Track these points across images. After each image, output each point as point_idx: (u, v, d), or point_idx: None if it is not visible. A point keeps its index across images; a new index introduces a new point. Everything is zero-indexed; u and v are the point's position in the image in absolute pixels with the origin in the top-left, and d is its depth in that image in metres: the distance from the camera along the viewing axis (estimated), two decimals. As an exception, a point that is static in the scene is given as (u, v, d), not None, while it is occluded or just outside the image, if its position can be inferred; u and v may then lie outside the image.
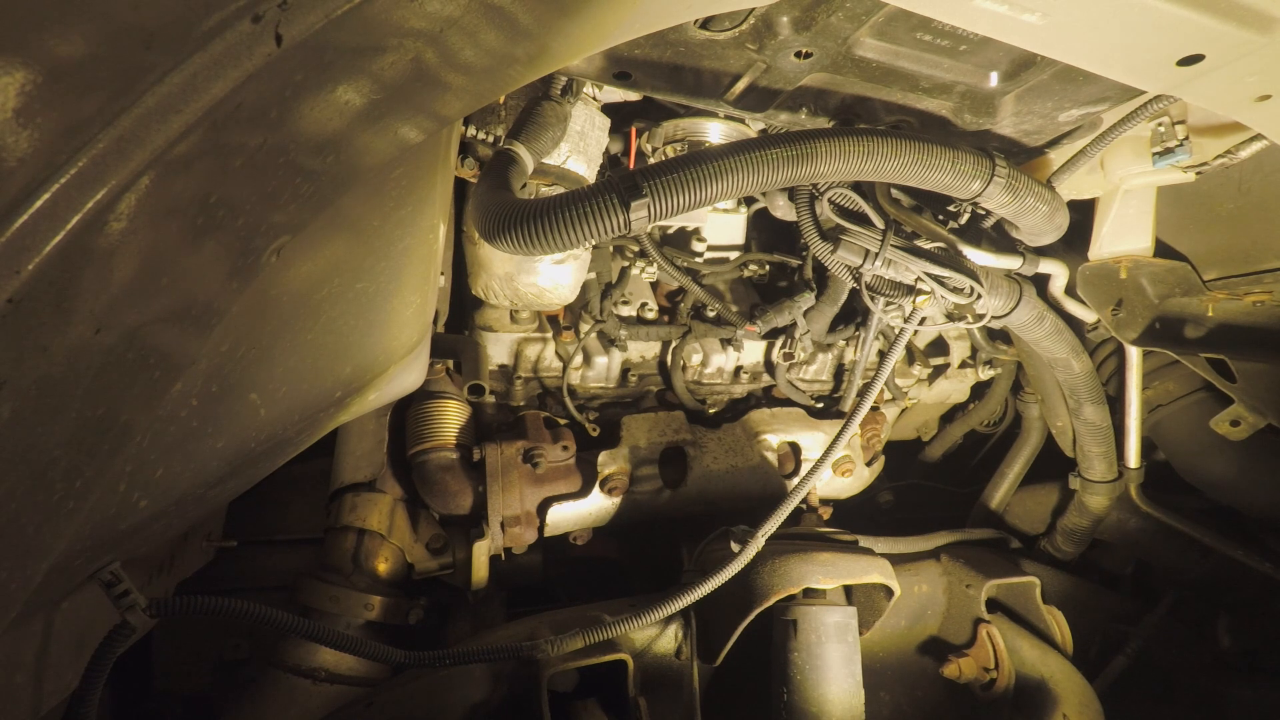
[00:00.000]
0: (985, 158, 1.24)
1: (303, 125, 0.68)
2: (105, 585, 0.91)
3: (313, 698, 1.40)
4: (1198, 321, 1.67)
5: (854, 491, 2.05)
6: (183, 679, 1.64)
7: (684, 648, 1.54)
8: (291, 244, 0.78)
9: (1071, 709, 1.66)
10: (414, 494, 1.66)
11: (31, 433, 0.56)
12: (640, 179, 1.01)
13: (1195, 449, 1.93)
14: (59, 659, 0.91)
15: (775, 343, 1.94)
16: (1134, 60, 0.98)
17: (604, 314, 1.76)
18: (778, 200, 1.76)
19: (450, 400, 1.68)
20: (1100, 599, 2.08)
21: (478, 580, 1.62)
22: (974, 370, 2.27)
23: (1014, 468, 2.32)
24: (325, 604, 1.47)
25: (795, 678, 1.48)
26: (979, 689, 1.76)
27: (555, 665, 1.34)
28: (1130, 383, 1.92)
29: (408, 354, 1.30)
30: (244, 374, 0.88)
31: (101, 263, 0.55)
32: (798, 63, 1.15)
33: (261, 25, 0.56)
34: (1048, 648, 1.78)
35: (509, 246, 1.04)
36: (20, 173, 0.48)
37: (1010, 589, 1.86)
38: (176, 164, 0.56)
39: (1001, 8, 0.89)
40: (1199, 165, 1.38)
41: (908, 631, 1.85)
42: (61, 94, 0.48)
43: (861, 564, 1.59)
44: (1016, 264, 1.53)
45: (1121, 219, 1.66)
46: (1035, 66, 1.19)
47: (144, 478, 0.79)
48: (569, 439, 1.73)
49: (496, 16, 0.75)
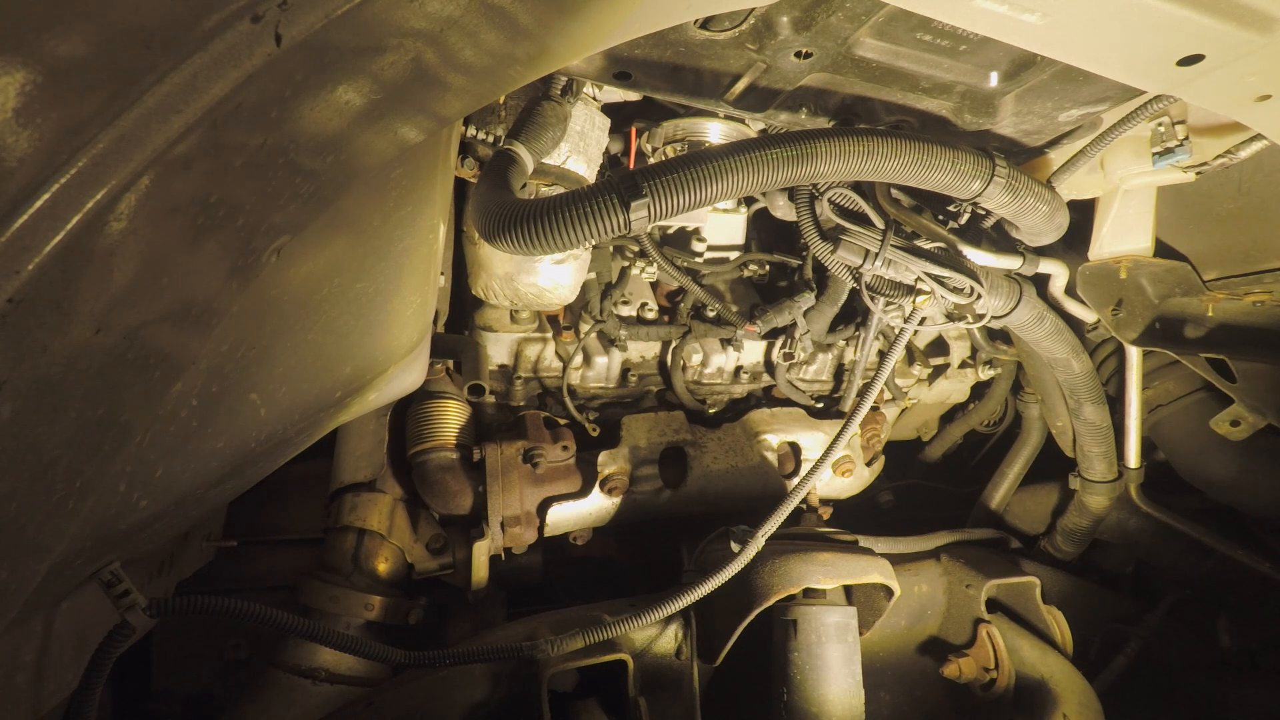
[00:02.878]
0: (985, 158, 1.24)
1: (303, 125, 0.68)
2: (105, 585, 0.91)
3: (313, 698, 1.40)
4: (1198, 321, 1.67)
5: (854, 491, 2.05)
6: (183, 679, 1.64)
7: (684, 648, 1.54)
8: (291, 244, 0.78)
9: (1071, 709, 1.66)
10: (414, 494, 1.66)
11: (31, 433, 0.56)
12: (640, 179, 1.01)
13: (1195, 449, 1.93)
14: (59, 659, 0.91)
15: (775, 343, 1.94)
16: (1134, 60, 0.98)
17: (604, 314, 1.76)
18: (778, 200, 1.76)
19: (450, 400, 1.68)
20: (1100, 599, 2.08)
21: (478, 580, 1.62)
22: (974, 370, 2.27)
23: (1014, 468, 2.32)
24: (325, 604, 1.47)
25: (795, 678, 1.48)
26: (979, 689, 1.76)
27: (555, 665, 1.34)
28: (1130, 383, 1.92)
29: (408, 354, 1.30)
30: (244, 374, 0.88)
31: (101, 263, 0.55)
32: (798, 63, 1.16)
33: (261, 25, 0.56)
34: (1048, 648, 1.78)
35: (509, 247, 1.04)
36: (20, 173, 0.48)
37: (1010, 589, 1.86)
38: (176, 164, 0.56)
39: (1001, 8, 0.89)
40: (1199, 165, 1.38)
41: (908, 631, 1.85)
42: (61, 94, 0.48)
43: (861, 564, 1.59)
44: (1016, 264, 1.53)
45: (1121, 219, 1.66)
46: (1035, 66, 1.19)
47: (144, 478, 0.79)
48: (569, 439, 1.73)
49: (496, 16, 0.75)
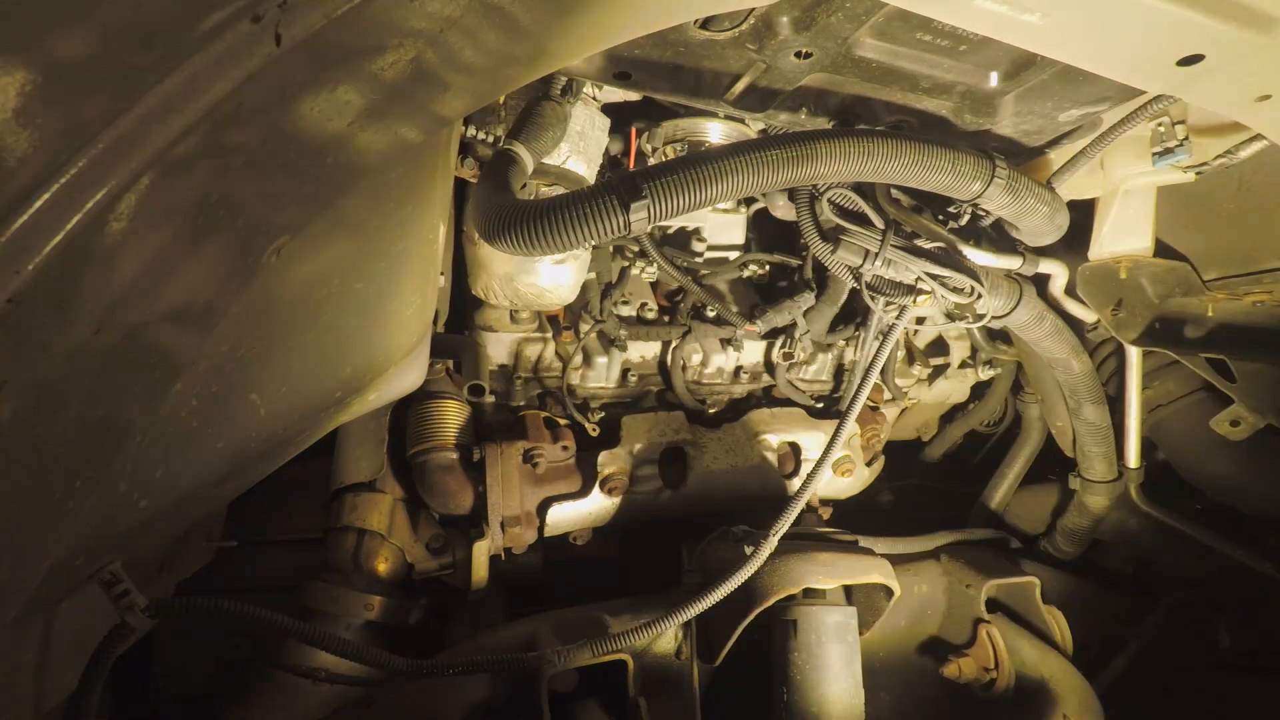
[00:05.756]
0: (985, 159, 1.24)
1: (303, 125, 0.68)
2: (105, 585, 0.91)
3: (313, 698, 1.40)
4: (1198, 321, 1.67)
5: (854, 491, 2.05)
6: (183, 679, 1.64)
7: (684, 648, 1.54)
8: (291, 244, 0.78)
9: (1071, 709, 1.66)
10: (414, 494, 1.65)
11: (31, 433, 0.56)
12: (640, 180, 1.01)
13: (1195, 449, 1.93)
14: (59, 659, 0.91)
15: (775, 343, 1.94)
16: (1134, 60, 0.98)
17: (604, 314, 1.76)
18: (778, 200, 1.76)
19: (450, 400, 1.68)
20: (1100, 599, 2.08)
21: (478, 580, 1.62)
22: (974, 370, 2.27)
23: (1014, 468, 2.32)
24: (325, 604, 1.47)
25: (795, 678, 1.48)
26: (979, 689, 1.76)
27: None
28: (1130, 383, 1.92)
29: (408, 354, 1.30)
30: (244, 374, 0.88)
31: (101, 263, 0.55)
32: (798, 63, 1.15)
33: (261, 25, 0.56)
34: (1048, 648, 1.78)
35: (509, 247, 1.04)
36: (20, 173, 0.48)
37: (1010, 589, 1.86)
38: (177, 164, 0.56)
39: (1001, 8, 0.89)
40: (1199, 165, 1.38)
41: (908, 631, 1.85)
42: (61, 94, 0.48)
43: (861, 564, 1.59)
44: (1016, 264, 1.53)
45: (1121, 219, 1.66)
46: (1035, 66, 1.19)
47: (144, 478, 0.79)
48: (569, 439, 1.73)
49: (496, 16, 0.76)
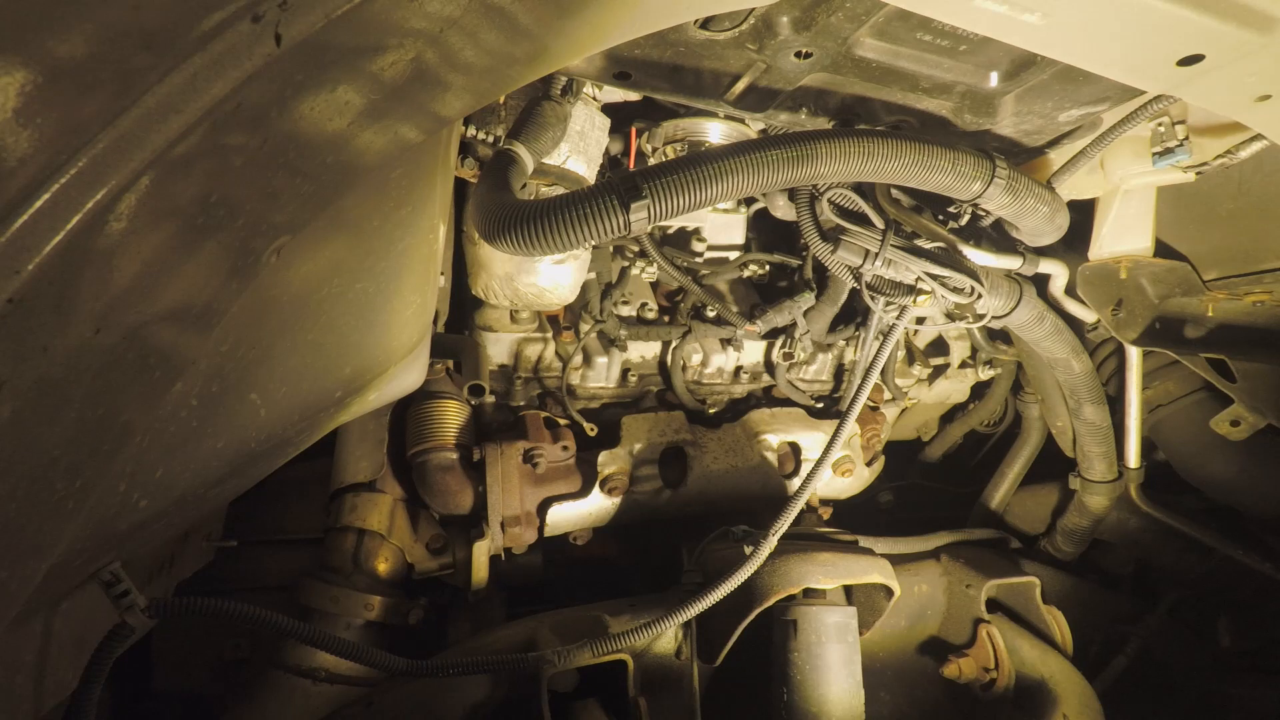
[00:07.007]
0: (985, 159, 1.24)
1: (303, 125, 0.68)
2: (105, 585, 0.91)
3: (313, 698, 1.40)
4: (1198, 321, 1.67)
5: (854, 491, 2.05)
6: (183, 679, 1.64)
7: (684, 648, 1.54)
8: (291, 244, 0.78)
9: (1071, 709, 1.66)
10: (414, 494, 1.65)
11: (31, 433, 0.56)
12: (640, 180, 1.01)
13: (1195, 449, 1.93)
14: (59, 659, 0.91)
15: (775, 343, 1.94)
16: (1134, 60, 0.98)
17: (604, 314, 1.76)
18: (778, 200, 1.76)
19: (450, 400, 1.68)
20: (1100, 599, 2.08)
21: (478, 580, 1.62)
22: (974, 370, 2.27)
23: (1014, 468, 2.32)
24: (325, 604, 1.47)
25: (795, 678, 1.48)
26: (979, 689, 1.76)
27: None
28: (1130, 383, 1.92)
29: (408, 354, 1.30)
30: (244, 374, 0.88)
31: (101, 263, 0.55)
32: (798, 63, 1.15)
33: (261, 25, 0.56)
34: (1048, 648, 1.78)
35: (509, 247, 1.04)
36: (20, 173, 0.48)
37: (1010, 589, 1.86)
38: (176, 164, 0.56)
39: (1001, 8, 0.89)
40: (1199, 165, 1.38)
41: (908, 631, 1.85)
42: (61, 94, 0.48)
43: (861, 564, 1.59)
44: (1016, 264, 1.53)
45: (1121, 219, 1.66)
46: (1035, 66, 1.19)
47: (144, 478, 0.79)
48: (569, 439, 1.73)
49: (496, 16, 0.76)
